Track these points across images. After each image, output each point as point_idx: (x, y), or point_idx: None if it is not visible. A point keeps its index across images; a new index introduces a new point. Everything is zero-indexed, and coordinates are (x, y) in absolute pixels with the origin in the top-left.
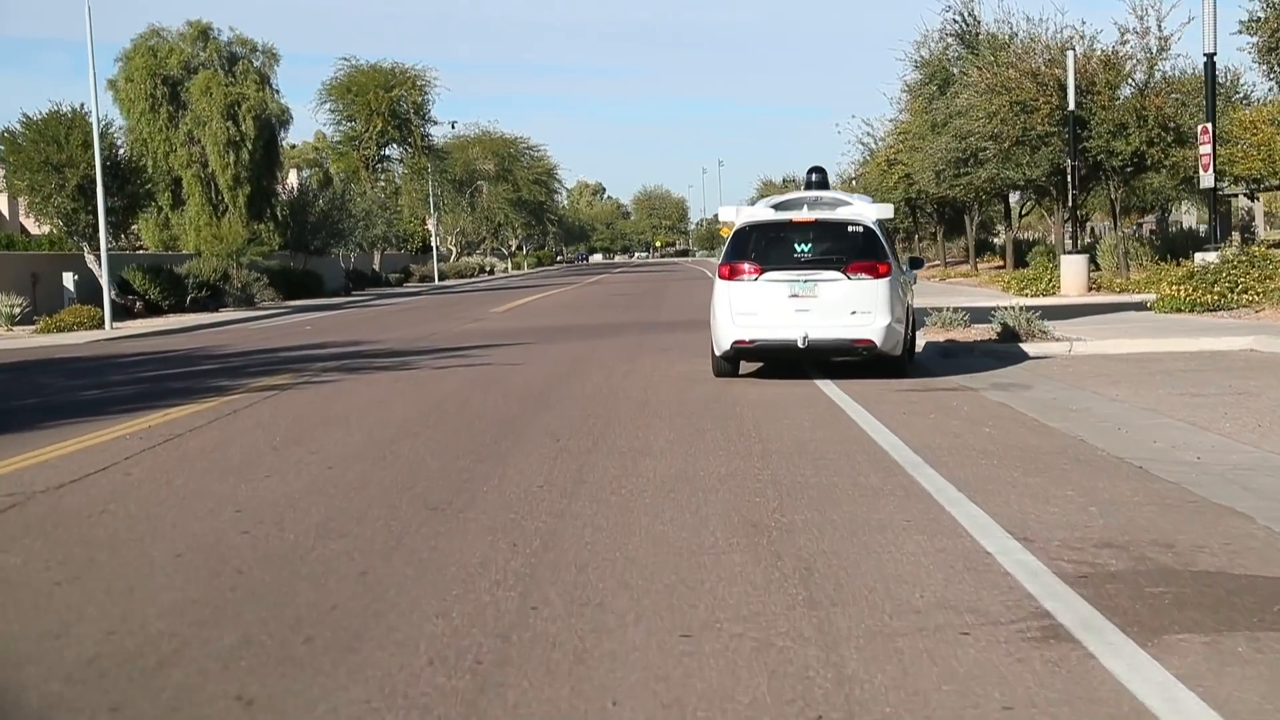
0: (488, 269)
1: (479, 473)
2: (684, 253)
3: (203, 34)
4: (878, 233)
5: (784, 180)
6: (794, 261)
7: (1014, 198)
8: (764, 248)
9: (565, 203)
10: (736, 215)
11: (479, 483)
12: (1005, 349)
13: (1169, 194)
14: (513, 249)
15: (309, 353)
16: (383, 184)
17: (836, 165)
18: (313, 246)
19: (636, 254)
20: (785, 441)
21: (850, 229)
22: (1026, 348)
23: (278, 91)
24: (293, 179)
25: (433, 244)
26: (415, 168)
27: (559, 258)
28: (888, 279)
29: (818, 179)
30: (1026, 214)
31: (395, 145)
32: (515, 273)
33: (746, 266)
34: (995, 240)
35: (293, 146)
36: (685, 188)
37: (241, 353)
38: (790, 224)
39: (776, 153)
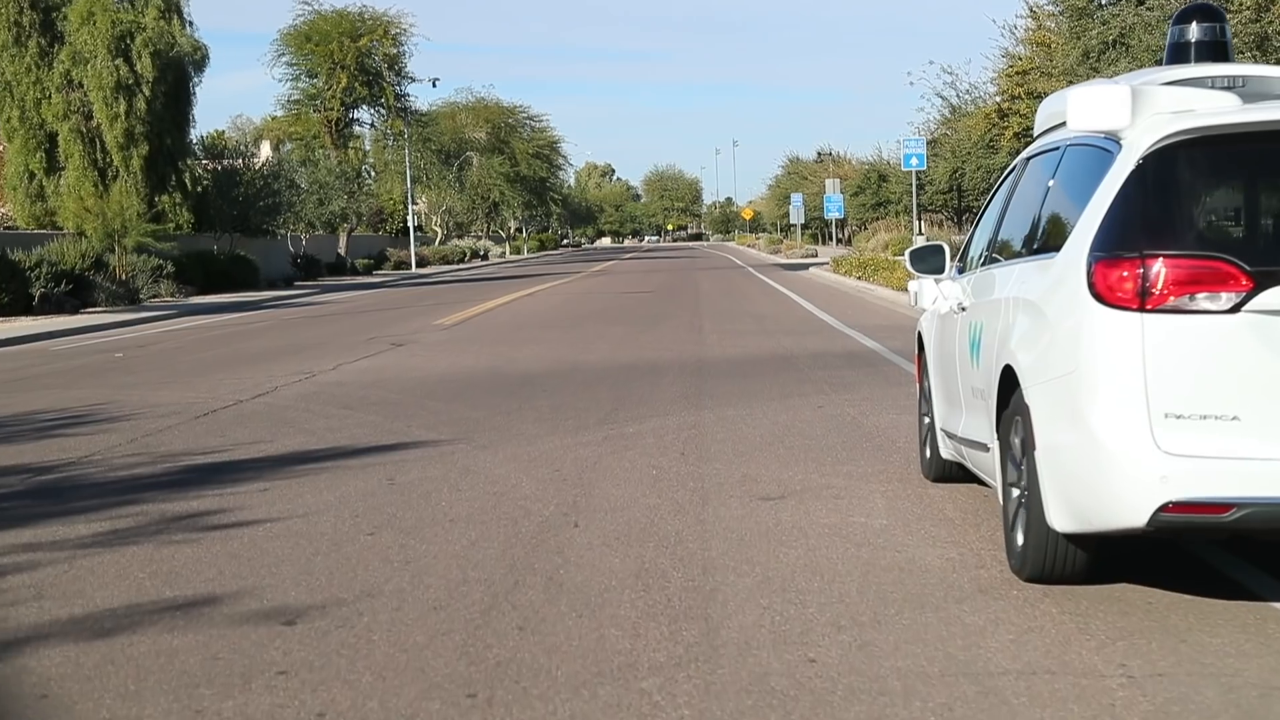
0: (481, 254)
1: None
2: (697, 236)
3: None
4: None
5: (818, 154)
6: None
7: None
8: (1246, 209)
9: (571, 181)
10: (1131, 106)
11: None
12: None
13: None
14: (511, 231)
15: None
16: (369, 155)
17: (909, 126)
18: (253, 225)
19: (647, 238)
20: None
21: None
22: None
23: (190, 23)
24: (266, 151)
25: (409, 224)
26: (391, 133)
27: (564, 241)
28: None
29: (1206, 35)
30: None
31: (366, 107)
32: (513, 258)
33: (1203, 268)
34: None
35: (273, 118)
36: (698, 169)
37: None
38: None
39: (792, 134)
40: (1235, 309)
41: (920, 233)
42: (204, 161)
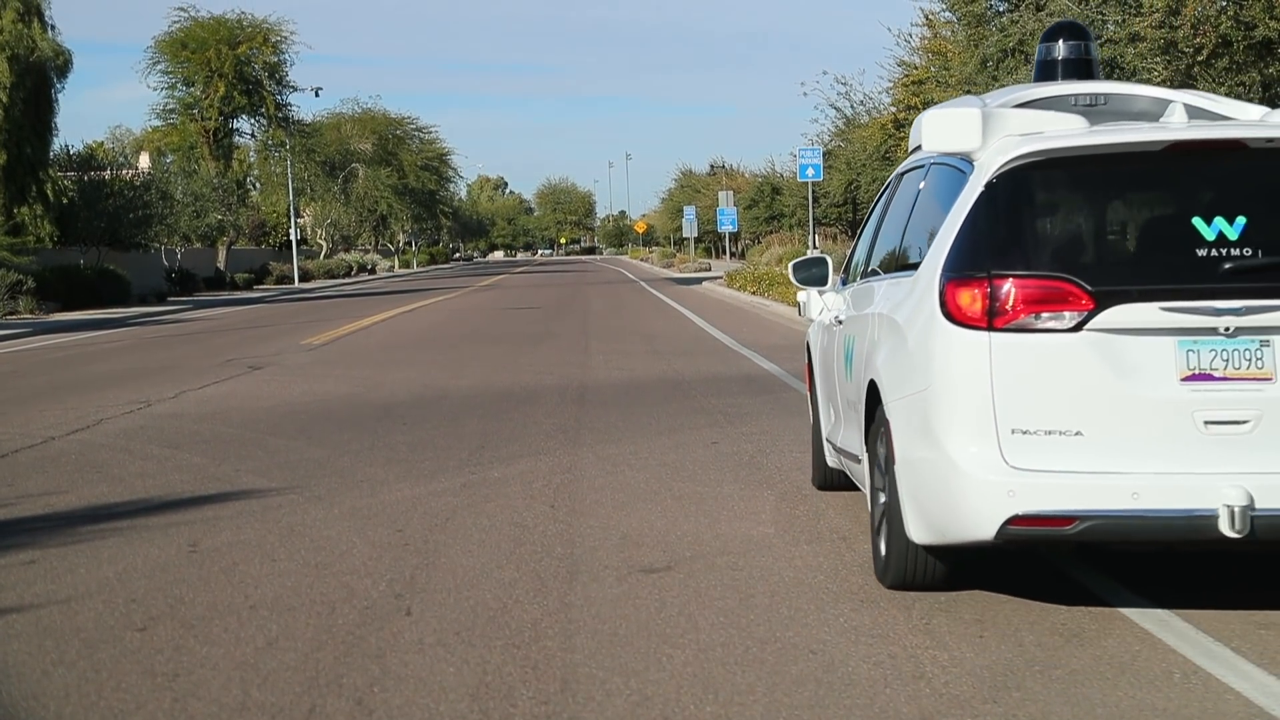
0: (368, 267)
1: None
2: (590, 250)
3: None
4: None
5: (711, 167)
6: (1191, 272)
7: None
8: (1090, 230)
9: (463, 194)
10: (981, 128)
11: None
12: None
13: None
14: (400, 245)
15: None
16: (254, 167)
17: (803, 137)
18: (123, 238)
19: (540, 251)
20: None
21: None
22: None
23: (53, 27)
24: (145, 162)
25: (292, 237)
26: (273, 143)
27: (456, 255)
28: None
29: (1072, 53)
30: None
31: (246, 116)
32: (401, 272)
33: (1048, 288)
34: None
35: (155, 128)
36: (591, 182)
37: None
38: (1168, 154)
39: (685, 147)
40: (1077, 328)
41: (815, 246)
42: (71, 172)
